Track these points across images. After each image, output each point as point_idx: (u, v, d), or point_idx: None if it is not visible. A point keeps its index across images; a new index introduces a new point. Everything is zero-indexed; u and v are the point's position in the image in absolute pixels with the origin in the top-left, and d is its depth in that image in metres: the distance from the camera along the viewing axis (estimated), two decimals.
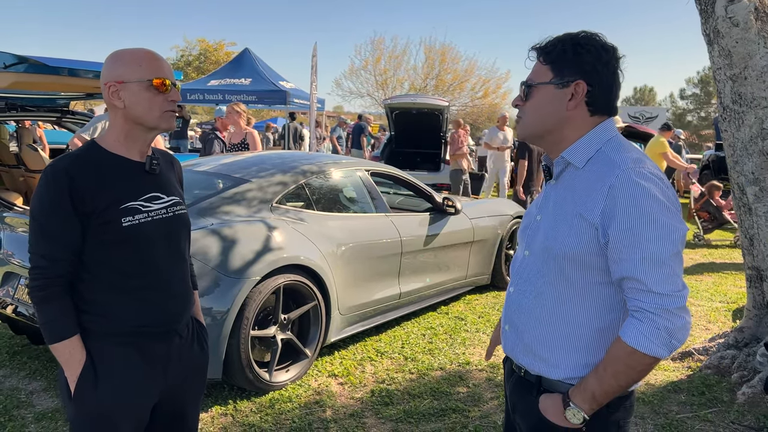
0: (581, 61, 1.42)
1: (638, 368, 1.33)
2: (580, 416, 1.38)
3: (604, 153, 1.43)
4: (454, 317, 5.01)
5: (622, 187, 1.33)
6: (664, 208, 1.32)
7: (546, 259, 1.47)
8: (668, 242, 1.31)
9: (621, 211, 1.32)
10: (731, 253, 8.27)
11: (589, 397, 1.37)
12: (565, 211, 1.44)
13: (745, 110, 3.66)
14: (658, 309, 1.29)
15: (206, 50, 37.61)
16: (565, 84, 1.44)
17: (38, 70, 5.72)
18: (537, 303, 1.49)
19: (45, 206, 1.55)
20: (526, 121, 1.51)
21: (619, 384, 1.35)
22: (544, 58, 1.47)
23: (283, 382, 3.56)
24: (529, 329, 1.51)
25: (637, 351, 1.30)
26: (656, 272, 1.30)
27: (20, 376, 3.62)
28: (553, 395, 1.45)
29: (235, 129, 6.45)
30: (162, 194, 1.71)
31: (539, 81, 1.47)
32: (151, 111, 1.62)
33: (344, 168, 4.55)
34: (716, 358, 3.96)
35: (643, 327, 1.30)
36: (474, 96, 33.44)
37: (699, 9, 3.79)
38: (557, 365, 1.46)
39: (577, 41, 1.44)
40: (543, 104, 1.47)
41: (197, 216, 3.50)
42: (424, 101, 11.91)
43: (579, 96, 1.44)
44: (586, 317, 1.43)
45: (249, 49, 14.26)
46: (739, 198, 3.94)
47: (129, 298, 1.64)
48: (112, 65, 1.62)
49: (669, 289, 1.30)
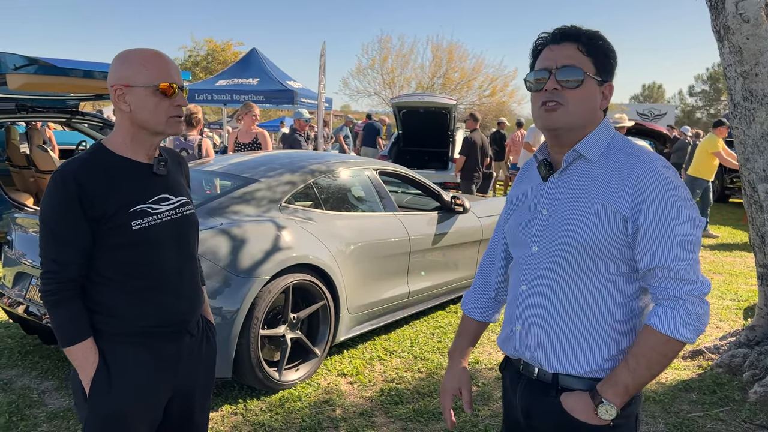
0: (612, 64, 1.46)
1: (671, 355, 1.35)
2: (613, 411, 1.35)
3: (615, 147, 1.44)
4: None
5: (650, 179, 1.36)
6: (688, 199, 1.37)
7: (562, 251, 1.44)
8: (693, 232, 1.35)
9: (650, 203, 1.35)
10: (742, 250, 8.21)
11: (622, 390, 1.35)
12: (586, 203, 1.42)
13: (756, 107, 3.63)
14: (689, 296, 1.33)
15: (214, 50, 37.66)
16: (601, 82, 1.45)
17: (48, 72, 5.76)
18: (554, 297, 1.46)
19: (55, 211, 1.55)
20: (571, 111, 1.42)
21: (651, 374, 1.36)
22: (587, 50, 1.43)
23: (293, 381, 3.57)
24: (547, 325, 1.47)
25: (672, 338, 1.32)
26: (686, 260, 1.34)
27: (32, 376, 3.65)
28: (579, 393, 1.42)
29: (245, 129, 6.45)
30: (170, 195, 1.71)
31: (588, 73, 1.42)
32: (156, 116, 1.61)
33: (352, 167, 4.55)
34: (727, 357, 3.93)
35: (676, 314, 1.32)
36: (482, 94, 33.38)
37: (709, 5, 3.77)
38: (579, 359, 1.43)
39: (608, 43, 1.46)
40: (589, 97, 1.43)
41: (207, 216, 3.52)
42: (432, 100, 11.88)
43: (608, 98, 1.48)
44: (607, 309, 1.42)
45: (256, 49, 14.29)
46: (750, 195, 3.91)
47: (140, 299, 1.65)
48: (118, 67, 1.61)
49: (697, 276, 1.34)
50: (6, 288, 3.84)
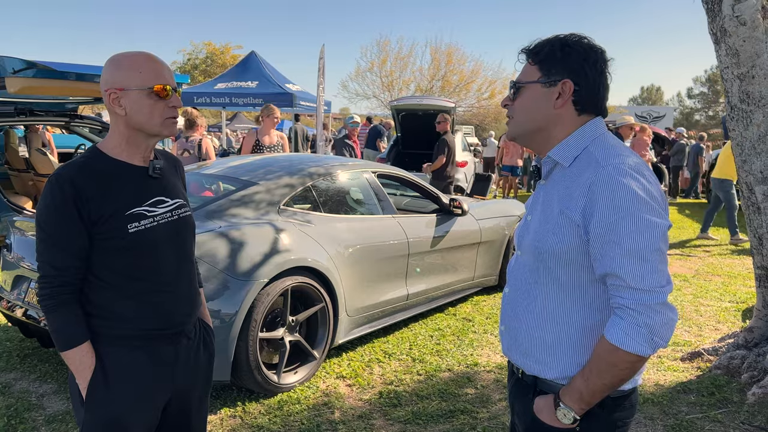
0: (568, 60, 1.44)
1: (621, 366, 1.32)
2: (570, 416, 1.38)
3: (590, 151, 1.43)
4: (462, 318, 5.01)
5: (602, 184, 1.34)
6: (644, 203, 1.31)
7: (534, 258, 1.48)
8: (647, 238, 1.30)
9: (600, 208, 1.32)
10: (740, 252, 8.22)
11: (576, 396, 1.37)
12: (551, 210, 1.45)
13: (753, 109, 3.64)
14: (637, 305, 1.29)
15: (213, 53, 37.76)
16: (552, 83, 1.45)
17: (46, 75, 5.76)
18: (528, 302, 1.50)
19: (51, 215, 1.55)
20: (516, 120, 1.52)
21: (603, 383, 1.35)
22: (533, 58, 1.49)
23: (292, 383, 3.57)
24: (522, 329, 1.52)
25: (619, 349, 1.30)
26: (636, 268, 1.29)
27: (31, 379, 3.64)
28: (547, 396, 1.46)
29: (265, 130, 6.47)
30: (166, 198, 1.71)
31: (527, 80, 1.49)
32: (152, 118, 1.61)
33: (351, 170, 4.56)
34: (726, 359, 3.94)
35: (624, 324, 1.30)
36: (480, 97, 33.40)
37: (706, 8, 3.78)
38: (550, 365, 1.46)
39: (566, 42, 1.45)
40: (531, 103, 1.48)
41: (205, 219, 3.52)
42: (431, 102, 11.89)
43: (566, 95, 1.45)
44: (576, 316, 1.44)
45: (255, 52, 14.31)
46: (748, 197, 3.92)
47: (137, 302, 1.65)
48: (111, 71, 1.61)
49: (649, 285, 1.29)
50: (5, 291, 3.84)
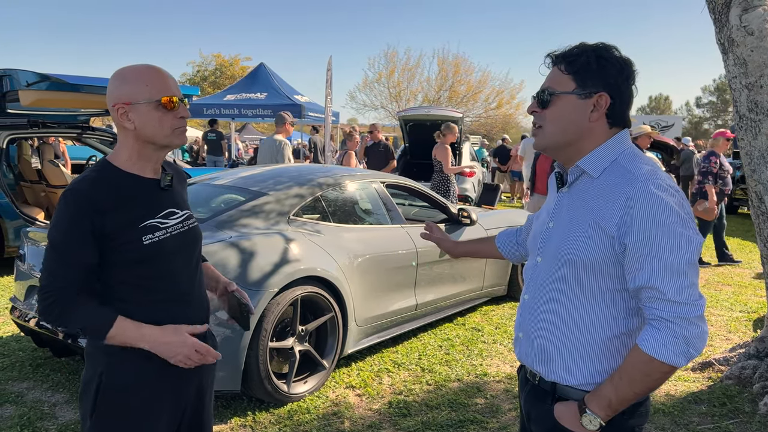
0: (605, 73, 1.43)
1: (655, 376, 1.34)
2: (596, 423, 1.39)
3: (619, 164, 1.44)
4: (471, 328, 5.00)
5: (640, 197, 1.34)
6: (681, 218, 1.33)
7: (559, 265, 1.48)
8: (685, 252, 1.32)
9: (638, 222, 1.34)
10: (751, 262, 8.17)
11: (605, 404, 1.38)
12: (579, 219, 1.45)
13: (761, 118, 3.64)
14: (676, 318, 1.31)
15: (222, 65, 38.05)
16: (587, 95, 1.44)
17: (59, 88, 5.85)
18: (551, 309, 1.50)
19: (66, 231, 1.54)
20: (547, 131, 1.50)
21: (634, 392, 1.36)
22: (566, 67, 1.46)
23: (301, 393, 3.58)
24: (543, 335, 1.52)
25: (655, 359, 1.31)
26: (674, 281, 1.31)
27: (43, 389, 3.67)
28: (569, 402, 1.46)
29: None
30: (177, 209, 1.73)
31: (562, 90, 1.47)
32: (162, 130, 1.63)
33: (360, 180, 4.59)
34: (737, 369, 3.91)
35: (662, 336, 1.31)
36: (488, 107, 33.46)
37: (713, 18, 3.79)
38: (572, 371, 1.47)
39: (600, 53, 1.44)
40: (565, 114, 1.47)
41: (216, 229, 3.55)
42: (438, 113, 11.94)
43: (602, 108, 1.45)
44: (600, 323, 1.44)
45: (264, 63, 14.43)
46: (758, 207, 3.91)
47: (152, 312, 1.66)
48: (117, 86, 1.62)
49: (687, 298, 1.31)
50: (18, 301, 3.89)
